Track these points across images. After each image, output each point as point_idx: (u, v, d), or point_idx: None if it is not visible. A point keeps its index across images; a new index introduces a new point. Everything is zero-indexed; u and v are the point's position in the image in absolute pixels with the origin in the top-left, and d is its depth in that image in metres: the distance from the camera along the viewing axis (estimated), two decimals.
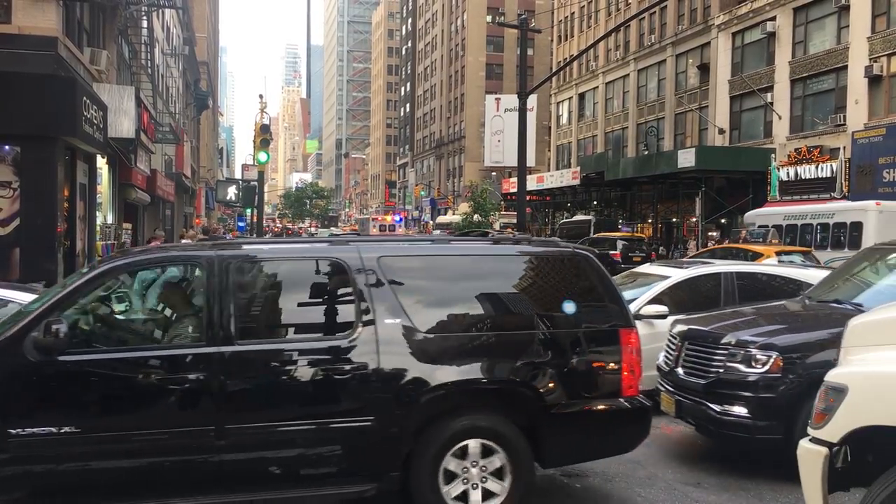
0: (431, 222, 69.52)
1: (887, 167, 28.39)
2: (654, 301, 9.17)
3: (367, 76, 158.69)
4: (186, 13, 44.78)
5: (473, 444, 5.42)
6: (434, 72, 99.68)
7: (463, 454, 5.41)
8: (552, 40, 65.99)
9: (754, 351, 6.64)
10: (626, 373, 5.75)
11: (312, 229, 75.46)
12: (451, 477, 5.38)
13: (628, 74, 51.83)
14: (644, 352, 8.51)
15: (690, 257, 22.49)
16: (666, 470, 7.08)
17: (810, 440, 4.20)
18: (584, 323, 5.76)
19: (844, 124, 31.96)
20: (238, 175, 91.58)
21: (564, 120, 63.36)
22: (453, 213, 55.52)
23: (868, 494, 3.97)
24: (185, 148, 43.40)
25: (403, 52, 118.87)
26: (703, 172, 36.39)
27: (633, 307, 9.06)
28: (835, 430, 4.05)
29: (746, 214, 29.81)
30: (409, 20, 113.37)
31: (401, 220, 71.84)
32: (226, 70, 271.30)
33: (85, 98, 15.60)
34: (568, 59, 30.85)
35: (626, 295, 9.70)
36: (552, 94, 64.42)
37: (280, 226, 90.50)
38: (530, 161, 38.81)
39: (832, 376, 4.18)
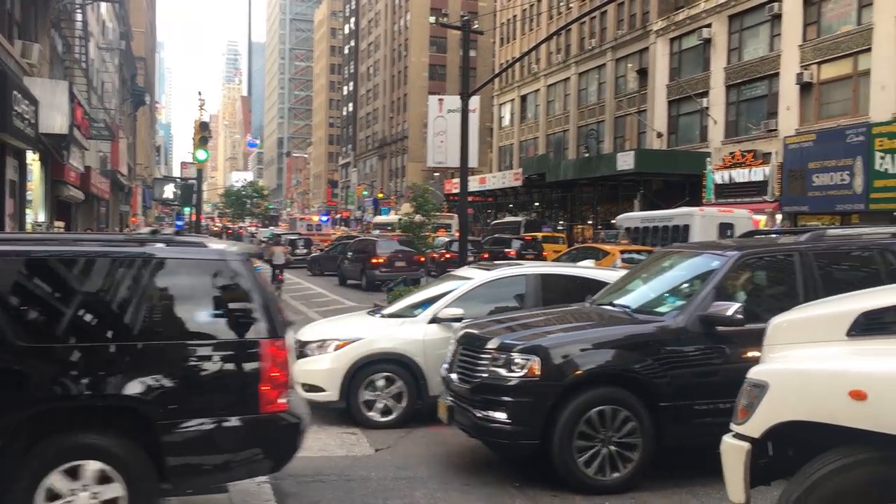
0: (372, 222, 69.36)
1: (817, 172, 29.34)
2: (454, 304, 9.07)
3: (309, 75, 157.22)
4: (123, 7, 43.80)
5: (82, 466, 4.90)
6: (377, 71, 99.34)
7: (71, 476, 4.88)
8: (495, 42, 66.42)
9: (514, 355, 6.57)
10: (266, 387, 5.25)
11: (252, 229, 74.38)
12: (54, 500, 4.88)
13: (569, 77, 52.48)
14: (443, 356, 8.32)
15: (556, 258, 23.79)
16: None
17: (733, 436, 4.32)
18: (219, 333, 5.29)
19: (777, 130, 32.91)
20: (176, 173, 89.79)
21: (507, 121, 63.84)
22: (396, 214, 55.45)
23: (788, 488, 4.11)
24: (121, 145, 42.44)
25: (346, 51, 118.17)
26: (641, 175, 37.12)
27: (432, 310, 9.11)
28: (756, 425, 4.17)
29: (617, 217, 31.85)
30: (352, 19, 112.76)
31: (326, 219, 72.21)
32: (164, 66, 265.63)
33: (15, 92, 15.15)
34: (510, 62, 31.05)
35: (428, 295, 9.74)
36: (495, 96, 64.83)
37: (220, 225, 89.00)
38: (473, 162, 38.88)
39: (754, 373, 4.32)
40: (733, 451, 4.30)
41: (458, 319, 8.61)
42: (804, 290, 6.82)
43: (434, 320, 9.01)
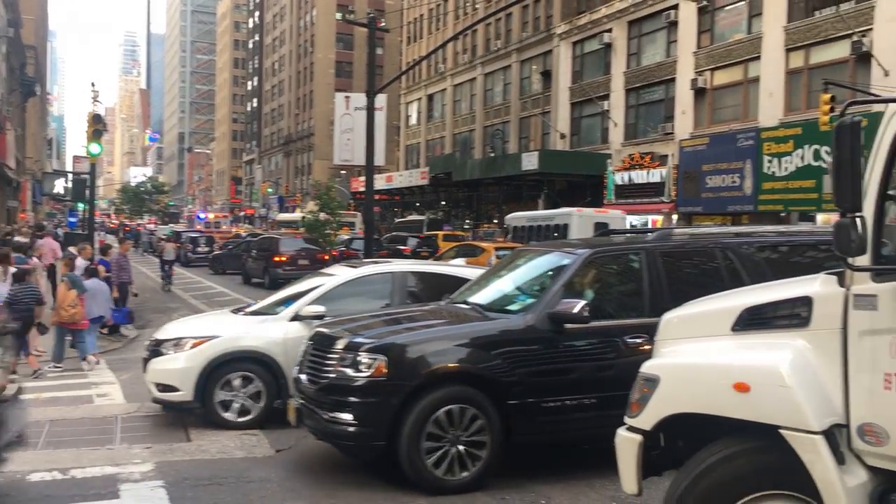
0: (276, 220, 68.31)
1: (710, 174, 30.57)
2: (317, 301, 8.95)
3: (211, 68, 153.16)
4: None
5: None
6: (282, 67, 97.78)
7: None
8: (402, 41, 66.39)
9: (362, 354, 6.45)
10: None
11: (151, 226, 72.04)
12: None
13: (475, 78, 52.95)
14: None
15: (440, 254, 24.62)
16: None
17: (627, 428, 4.45)
18: None
19: (673, 133, 34.10)
20: (70, 168, 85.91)
21: (414, 120, 63.91)
22: (301, 211, 54.79)
23: (677, 477, 4.26)
24: (9, 137, 40.32)
25: (251, 45, 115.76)
26: (545, 175, 37.82)
27: (294, 308, 9.00)
28: (648, 418, 4.31)
29: (507, 217, 32.90)
30: (257, 13, 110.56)
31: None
32: (56, 55, 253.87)
33: None
34: (416, 60, 31.09)
35: (293, 292, 9.65)
36: (402, 95, 64.81)
37: (117, 222, 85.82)
38: (380, 160, 38.93)
39: (646, 367, 4.45)
40: (626, 444, 4.42)
41: (321, 317, 8.46)
42: (650, 287, 7.04)
43: (296, 318, 8.83)
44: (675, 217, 32.36)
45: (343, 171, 65.25)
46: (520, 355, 6.65)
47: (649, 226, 29.92)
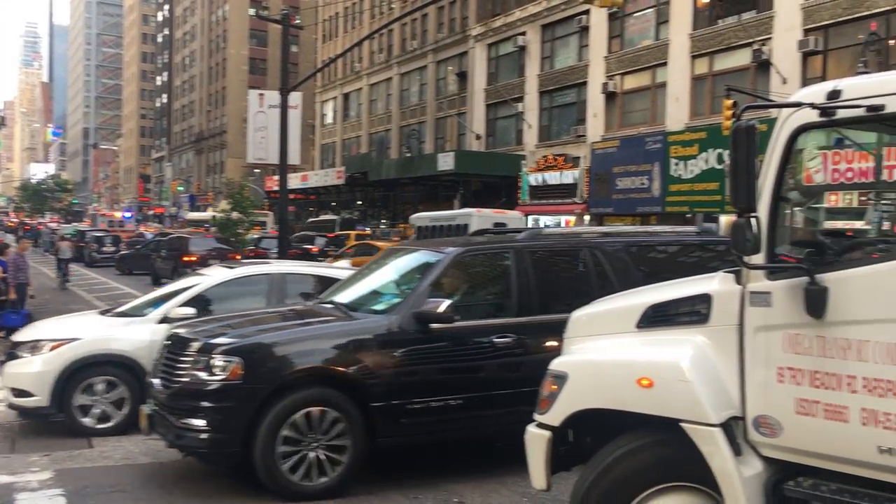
0: (186, 219, 66.72)
1: (620, 176, 31.34)
2: (189, 303, 8.77)
3: (118, 62, 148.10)
4: None
5: None
6: (194, 63, 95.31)
7: None
8: (317, 39, 65.66)
9: (216, 357, 6.19)
10: None
11: (53, 224, 69.19)
12: None
13: (391, 77, 52.82)
14: None
15: (339, 253, 25.05)
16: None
17: (536, 425, 4.52)
18: None
19: (585, 135, 34.77)
20: None
21: (329, 119, 63.32)
22: (213, 210, 53.66)
23: (584, 472, 4.35)
24: None
25: (160, 39, 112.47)
26: (461, 176, 38.02)
27: (162, 310, 8.83)
28: (556, 414, 4.38)
29: (410, 217, 33.12)
30: (167, 7, 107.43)
31: (130, 216, 70.32)
32: None
33: None
34: (331, 58, 30.83)
35: (164, 293, 9.48)
36: (317, 93, 64.10)
37: (16, 220, 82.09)
38: (294, 159, 38.44)
39: (555, 365, 4.53)
40: (535, 440, 4.49)
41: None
42: (518, 286, 7.06)
43: (164, 320, 8.56)
44: (587, 218, 33.03)
45: (257, 170, 64.10)
46: (383, 356, 6.48)
47: (562, 226, 30.46)
